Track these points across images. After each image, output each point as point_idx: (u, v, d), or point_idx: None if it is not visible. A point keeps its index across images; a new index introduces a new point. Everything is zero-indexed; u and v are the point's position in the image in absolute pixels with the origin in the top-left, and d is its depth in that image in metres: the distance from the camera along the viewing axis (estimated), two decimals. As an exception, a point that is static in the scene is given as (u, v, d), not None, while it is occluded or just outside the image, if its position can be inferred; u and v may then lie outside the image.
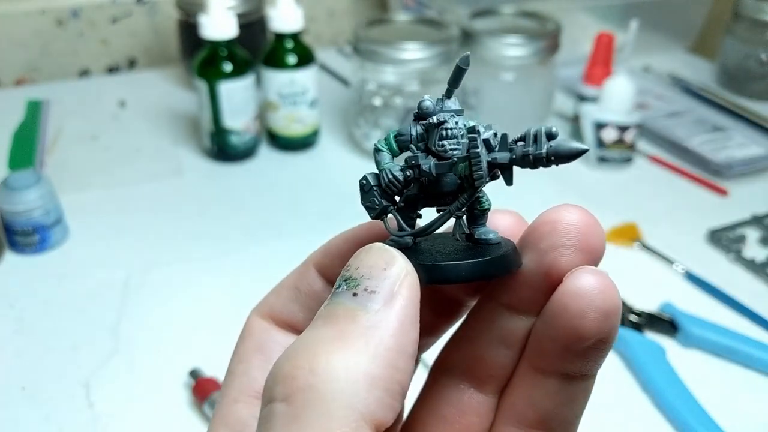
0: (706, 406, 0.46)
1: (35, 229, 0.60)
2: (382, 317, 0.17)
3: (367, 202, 0.20)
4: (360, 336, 0.17)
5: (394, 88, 0.73)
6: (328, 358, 0.16)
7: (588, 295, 0.18)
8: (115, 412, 0.47)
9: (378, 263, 0.18)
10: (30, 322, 0.54)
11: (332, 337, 0.17)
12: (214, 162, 0.76)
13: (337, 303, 0.18)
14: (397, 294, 0.18)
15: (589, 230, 0.19)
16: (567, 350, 0.19)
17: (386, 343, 0.17)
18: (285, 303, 0.23)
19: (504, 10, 0.81)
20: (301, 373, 0.16)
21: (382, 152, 0.20)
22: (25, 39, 0.94)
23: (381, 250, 0.19)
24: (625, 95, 0.73)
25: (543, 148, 0.18)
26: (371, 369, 0.16)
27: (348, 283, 0.18)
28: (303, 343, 0.17)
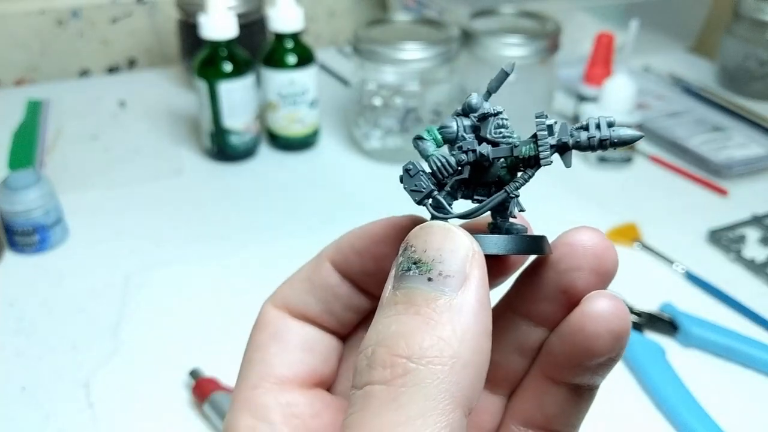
0: (706, 405, 0.46)
1: (35, 229, 0.60)
2: (462, 301, 0.18)
3: (413, 185, 0.21)
4: (446, 322, 0.17)
5: (394, 88, 0.73)
6: (422, 345, 0.17)
7: (603, 318, 0.20)
8: (115, 412, 0.47)
9: (446, 245, 0.19)
10: (30, 322, 0.54)
11: (420, 324, 0.17)
12: (214, 162, 0.76)
13: (413, 288, 0.18)
14: (470, 275, 0.18)
15: (604, 254, 0.21)
16: (579, 365, 0.21)
17: (471, 326, 0.18)
18: (299, 294, 0.24)
19: (504, 10, 0.81)
20: (399, 361, 0.17)
21: (427, 141, 0.22)
22: (26, 39, 0.94)
23: (443, 229, 0.19)
24: (625, 95, 0.73)
25: (608, 132, 0.20)
26: (461, 353, 0.17)
27: (419, 267, 0.18)
28: (392, 328, 0.18)
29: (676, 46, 1.07)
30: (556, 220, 0.65)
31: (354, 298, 0.24)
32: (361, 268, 0.23)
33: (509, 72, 0.21)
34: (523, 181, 0.21)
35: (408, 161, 0.21)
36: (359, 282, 0.24)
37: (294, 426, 0.22)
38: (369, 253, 0.23)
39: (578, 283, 0.21)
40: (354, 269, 0.23)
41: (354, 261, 0.23)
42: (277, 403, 0.22)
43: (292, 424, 0.22)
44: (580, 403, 0.22)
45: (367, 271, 0.23)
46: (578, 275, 0.21)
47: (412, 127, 0.74)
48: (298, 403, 0.23)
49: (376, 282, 0.23)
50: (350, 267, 0.23)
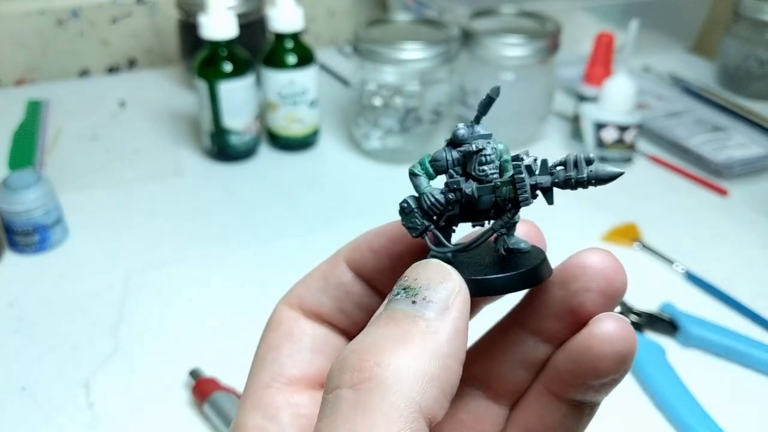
0: (706, 405, 0.46)
1: (35, 229, 0.60)
2: (439, 325, 0.19)
3: (409, 223, 0.22)
4: (420, 339, 0.18)
5: (394, 88, 0.73)
6: (392, 354, 0.18)
7: (610, 339, 0.20)
8: (115, 412, 0.47)
9: (435, 277, 0.20)
10: (30, 322, 0.54)
11: (395, 336, 0.18)
12: (214, 162, 0.76)
13: (397, 308, 0.19)
14: (452, 306, 0.19)
15: (614, 276, 0.22)
16: (583, 383, 0.21)
17: (443, 347, 0.18)
18: (313, 293, 0.25)
19: (504, 10, 0.81)
20: (367, 365, 0.18)
21: (420, 177, 0.22)
22: (26, 39, 0.94)
23: (438, 265, 0.20)
24: (625, 95, 0.73)
25: (584, 172, 0.21)
26: (429, 368, 0.18)
27: (407, 291, 0.20)
28: (368, 339, 0.19)
29: (676, 46, 1.07)
30: (556, 220, 0.65)
31: (365, 297, 0.25)
32: (376, 265, 0.24)
33: (494, 97, 0.21)
34: (508, 220, 0.22)
35: (404, 198, 0.22)
36: (372, 280, 0.24)
37: (301, 426, 0.23)
38: (384, 251, 0.24)
39: (587, 304, 0.21)
40: (368, 267, 0.24)
41: (369, 258, 0.24)
42: (287, 404, 0.23)
43: (299, 425, 0.23)
44: (581, 419, 0.22)
45: (382, 269, 0.24)
46: (588, 296, 0.21)
47: (413, 127, 0.74)
48: (307, 404, 0.23)
49: (388, 280, 0.24)
50: (365, 265, 0.24)
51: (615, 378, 0.21)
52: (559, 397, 0.22)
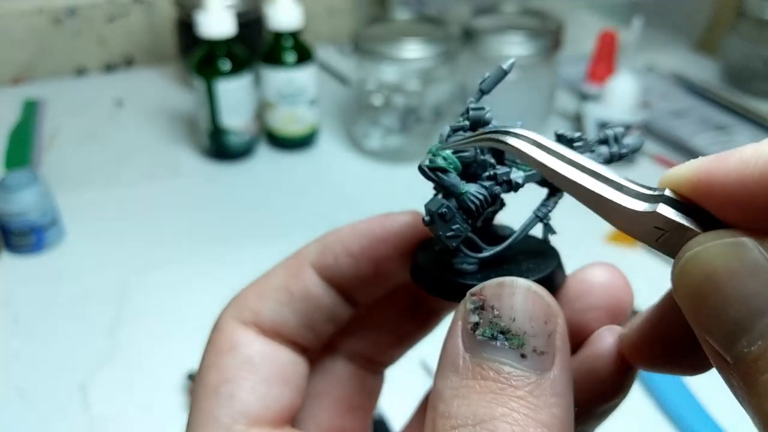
0: (708, 406, 0.46)
1: (31, 229, 0.59)
2: (557, 381, 0.16)
3: (449, 231, 0.19)
4: (545, 406, 0.16)
5: (394, 86, 0.72)
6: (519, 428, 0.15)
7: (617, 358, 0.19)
8: (112, 415, 0.46)
9: (538, 315, 0.16)
10: (26, 324, 0.54)
11: (522, 407, 0.15)
12: (212, 161, 0.76)
13: (505, 364, 0.16)
14: (559, 347, 0.16)
15: (621, 293, 0.20)
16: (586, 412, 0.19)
17: (568, 405, 0.16)
18: (274, 308, 0.21)
19: (506, 8, 0.80)
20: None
21: (450, 174, 0.19)
22: (22, 38, 0.94)
23: (529, 293, 0.17)
24: (628, 94, 0.73)
25: (625, 147, 0.20)
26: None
27: (509, 339, 0.16)
28: (493, 411, 0.15)
29: (679, 44, 1.07)
30: (559, 221, 0.65)
31: (337, 308, 0.21)
32: (356, 272, 0.21)
33: (508, 70, 0.19)
34: (554, 205, 0.20)
35: (437, 203, 0.19)
36: (348, 289, 0.21)
37: None
38: (366, 255, 0.21)
39: (593, 323, 0.20)
40: (345, 274, 0.21)
41: (347, 265, 0.21)
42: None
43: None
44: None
45: (363, 275, 0.21)
46: (594, 315, 0.20)
47: (413, 126, 0.73)
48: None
49: (370, 288, 0.21)
50: (341, 272, 0.21)
51: (617, 402, 0.19)
52: None
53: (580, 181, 0.16)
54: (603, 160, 0.20)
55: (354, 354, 0.24)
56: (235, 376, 0.20)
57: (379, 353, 0.24)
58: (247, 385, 0.20)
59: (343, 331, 0.23)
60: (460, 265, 0.19)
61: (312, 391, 0.23)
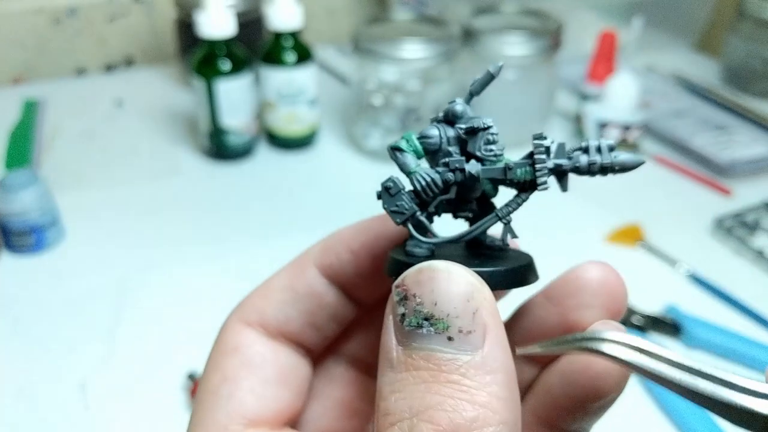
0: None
1: (31, 229, 0.59)
2: (489, 357, 0.16)
3: (394, 206, 0.19)
4: (480, 386, 0.15)
5: (394, 86, 0.72)
6: (466, 416, 0.15)
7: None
8: (112, 415, 0.46)
9: (458, 294, 0.16)
10: (26, 324, 0.54)
11: (455, 392, 0.15)
12: (211, 161, 0.76)
13: (433, 350, 0.16)
14: (489, 324, 0.16)
15: (614, 290, 0.20)
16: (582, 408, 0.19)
17: (506, 381, 0.16)
18: (279, 307, 0.21)
19: (506, 8, 0.80)
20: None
21: (406, 154, 0.20)
22: (22, 38, 0.94)
23: (449, 275, 0.16)
24: (628, 94, 0.73)
25: (610, 158, 0.19)
26: (504, 416, 0.15)
27: (433, 324, 0.16)
28: (427, 399, 0.15)
29: (679, 44, 1.07)
30: (557, 221, 0.65)
31: (341, 307, 0.22)
32: (357, 269, 0.21)
33: (495, 74, 0.20)
34: (516, 206, 0.19)
35: (388, 177, 0.19)
36: (351, 286, 0.22)
37: None
38: (366, 251, 0.21)
39: (588, 321, 0.19)
40: (347, 272, 0.21)
41: (347, 261, 0.21)
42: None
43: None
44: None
45: (363, 272, 0.21)
46: (589, 313, 0.19)
47: (413, 126, 0.73)
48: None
49: (371, 285, 0.21)
50: (343, 269, 0.21)
51: (614, 398, 0.19)
52: (551, 426, 0.20)
53: (692, 384, 0.15)
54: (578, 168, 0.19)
55: (355, 358, 0.24)
56: (235, 377, 0.20)
57: None
58: (246, 385, 0.20)
59: (346, 334, 0.23)
60: (412, 248, 0.20)
61: (314, 394, 0.23)
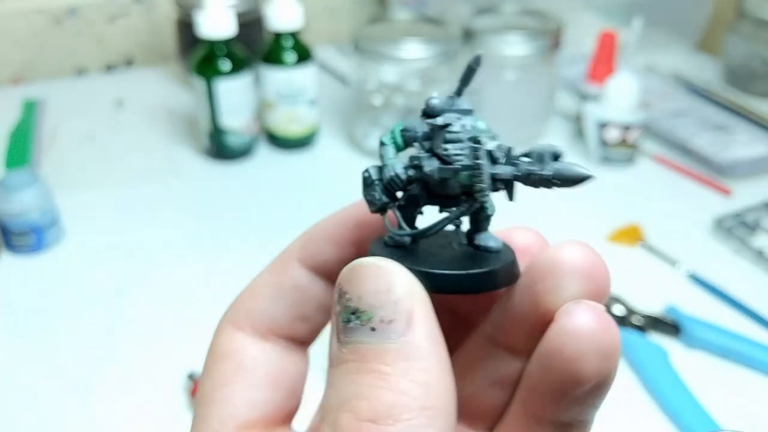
0: (709, 408, 0.46)
1: (31, 229, 0.59)
2: (411, 345, 0.16)
3: (368, 195, 0.20)
4: (401, 373, 0.16)
5: (394, 86, 0.72)
6: (384, 403, 0.15)
7: (585, 334, 0.17)
8: (113, 415, 0.46)
9: (380, 287, 0.17)
10: (26, 324, 0.54)
11: (375, 380, 0.16)
12: (211, 162, 0.76)
13: (359, 342, 0.16)
14: (413, 312, 0.16)
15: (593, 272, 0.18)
16: (563, 395, 0.17)
17: (428, 370, 0.16)
18: (266, 305, 0.22)
19: (505, 8, 0.80)
20: (364, 425, 0.15)
21: (387, 147, 0.20)
22: (22, 37, 0.94)
23: (376, 268, 0.17)
24: (628, 94, 0.73)
25: (547, 169, 0.17)
26: (427, 402, 0.16)
27: (359, 317, 0.17)
28: (350, 390, 0.16)
29: (680, 44, 1.07)
30: (557, 221, 0.65)
31: (328, 297, 0.22)
32: (338, 258, 0.21)
33: (475, 66, 0.19)
34: (465, 210, 0.19)
35: (366, 168, 0.20)
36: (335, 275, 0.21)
37: None
38: (346, 240, 0.21)
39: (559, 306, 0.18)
40: (330, 262, 0.21)
41: (329, 252, 0.21)
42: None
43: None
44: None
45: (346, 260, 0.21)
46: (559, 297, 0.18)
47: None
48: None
49: None
50: (325, 261, 0.21)
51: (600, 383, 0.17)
52: (540, 420, 0.18)
53: None
54: (518, 178, 0.18)
55: None
56: (227, 382, 0.21)
57: None
58: (238, 390, 0.20)
59: None
60: (386, 238, 0.20)
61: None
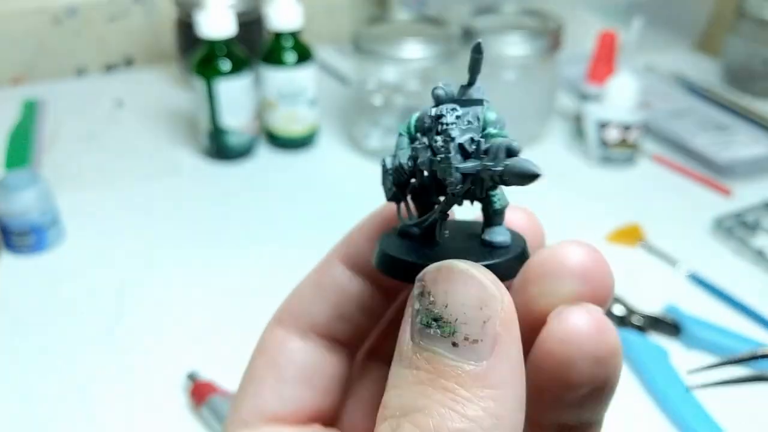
0: (709, 408, 0.46)
1: (31, 229, 0.59)
2: (492, 372, 0.15)
3: (383, 184, 0.20)
4: (476, 399, 0.15)
5: (394, 86, 0.72)
6: (451, 426, 0.14)
7: (577, 338, 0.16)
8: (112, 415, 0.46)
9: (471, 300, 0.15)
10: (26, 324, 0.54)
11: (447, 400, 0.15)
12: (212, 162, 0.76)
13: (436, 353, 0.15)
14: (501, 337, 0.15)
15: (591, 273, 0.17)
16: (557, 400, 0.17)
17: (506, 400, 0.15)
18: (308, 303, 0.22)
19: (505, 8, 0.80)
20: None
21: (402, 137, 0.20)
22: (22, 38, 0.94)
23: (466, 276, 0.16)
24: (628, 94, 0.73)
25: (500, 165, 0.16)
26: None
27: (441, 327, 0.15)
28: (418, 402, 0.15)
29: (680, 44, 1.06)
30: (557, 221, 0.65)
31: (368, 297, 0.21)
32: None
33: (478, 54, 0.18)
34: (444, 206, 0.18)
35: (383, 156, 0.20)
36: (374, 275, 0.21)
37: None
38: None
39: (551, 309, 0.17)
40: (367, 259, 0.21)
41: (366, 249, 0.21)
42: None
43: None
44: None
45: None
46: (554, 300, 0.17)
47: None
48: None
49: None
50: (361, 258, 0.21)
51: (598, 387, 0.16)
52: (541, 424, 0.18)
53: None
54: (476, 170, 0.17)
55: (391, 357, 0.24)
56: (260, 376, 0.21)
57: None
58: (269, 384, 0.21)
59: (384, 333, 0.23)
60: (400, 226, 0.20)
61: (354, 394, 0.23)
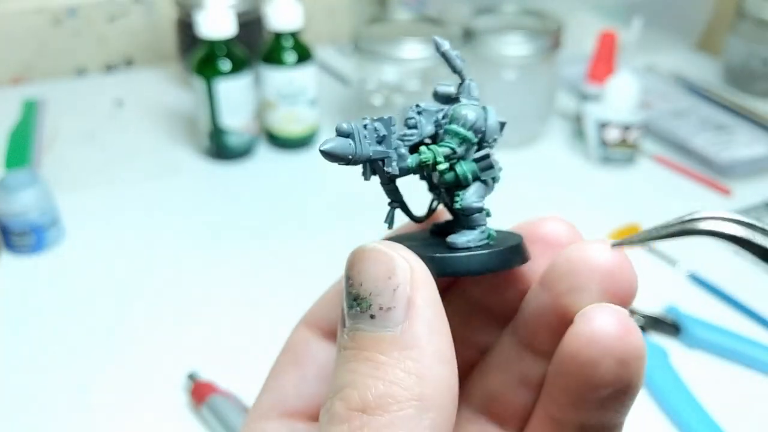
0: (710, 408, 0.46)
1: (31, 229, 0.59)
2: (408, 334, 0.16)
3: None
4: (396, 362, 0.16)
5: (394, 86, 0.72)
6: (374, 392, 0.15)
7: (602, 339, 0.16)
8: (112, 415, 0.46)
9: (380, 273, 0.16)
10: (26, 324, 0.54)
11: (369, 369, 0.16)
12: (211, 161, 0.76)
13: (358, 329, 0.16)
14: (414, 301, 0.16)
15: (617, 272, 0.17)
16: (581, 400, 0.17)
17: (423, 357, 0.16)
18: (330, 308, 0.22)
19: (505, 8, 0.80)
20: (353, 413, 0.15)
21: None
22: (22, 37, 0.94)
23: (376, 253, 0.17)
24: (628, 94, 0.73)
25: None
26: (421, 393, 0.15)
27: (359, 303, 0.16)
28: (345, 378, 0.16)
29: (679, 44, 1.06)
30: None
31: None
32: None
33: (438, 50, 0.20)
34: (385, 193, 0.21)
35: None
36: None
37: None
38: None
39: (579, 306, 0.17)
40: None
41: None
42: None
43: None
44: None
45: None
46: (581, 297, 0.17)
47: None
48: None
49: None
50: None
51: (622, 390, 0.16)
52: (562, 423, 0.18)
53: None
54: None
55: None
56: (282, 372, 0.22)
57: None
58: (290, 380, 0.22)
59: None
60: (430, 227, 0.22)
61: None
